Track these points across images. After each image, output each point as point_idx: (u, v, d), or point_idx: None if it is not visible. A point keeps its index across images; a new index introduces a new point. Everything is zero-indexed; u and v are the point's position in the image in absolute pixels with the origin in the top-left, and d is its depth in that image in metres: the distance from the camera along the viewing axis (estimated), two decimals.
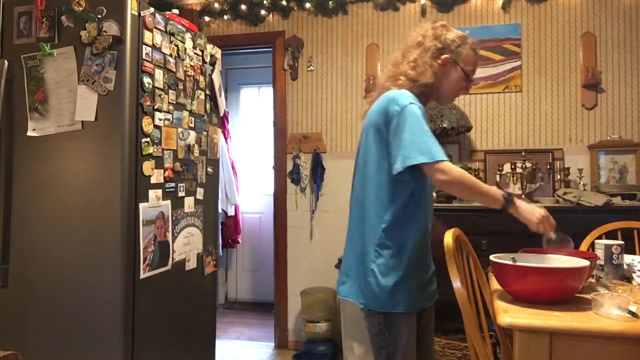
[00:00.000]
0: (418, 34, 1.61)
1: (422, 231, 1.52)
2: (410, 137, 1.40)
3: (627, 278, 1.56)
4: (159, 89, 1.97)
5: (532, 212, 1.42)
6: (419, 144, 1.40)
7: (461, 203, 2.71)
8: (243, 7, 3.45)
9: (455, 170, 1.40)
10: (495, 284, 1.46)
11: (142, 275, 1.86)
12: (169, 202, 2.04)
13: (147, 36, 1.91)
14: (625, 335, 1.06)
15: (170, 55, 2.05)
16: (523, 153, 2.88)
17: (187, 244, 2.19)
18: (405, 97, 1.47)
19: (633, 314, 1.11)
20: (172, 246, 2.07)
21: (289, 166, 3.41)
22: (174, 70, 2.08)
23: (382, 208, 1.49)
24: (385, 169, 1.48)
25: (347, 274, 1.58)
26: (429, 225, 1.58)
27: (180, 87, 2.13)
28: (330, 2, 3.33)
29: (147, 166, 1.89)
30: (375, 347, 1.53)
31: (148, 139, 1.90)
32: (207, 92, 2.38)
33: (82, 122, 1.82)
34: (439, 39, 1.56)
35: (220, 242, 4.08)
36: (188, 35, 2.20)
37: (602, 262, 1.55)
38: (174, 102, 2.09)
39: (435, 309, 1.70)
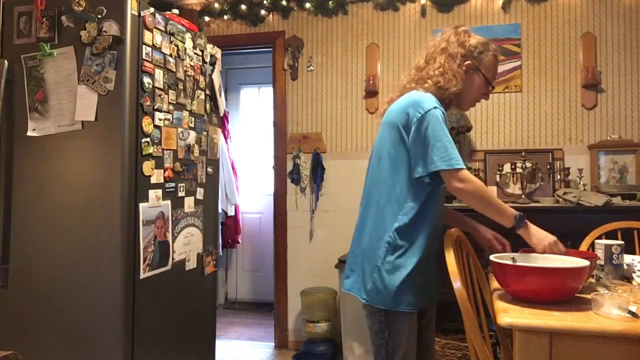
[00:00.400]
0: (442, 40, 1.61)
1: (433, 233, 1.52)
2: (432, 142, 1.42)
3: (627, 278, 1.56)
4: (159, 89, 1.97)
5: (542, 239, 1.43)
6: (440, 150, 1.41)
7: (461, 203, 2.70)
8: (243, 7, 3.45)
9: (474, 180, 1.42)
10: (495, 284, 1.46)
11: (142, 275, 1.86)
12: (169, 202, 2.04)
13: (147, 36, 1.91)
14: (625, 335, 1.06)
15: (170, 55, 2.05)
16: (523, 153, 2.88)
17: (187, 244, 2.19)
18: (429, 101, 1.47)
19: (633, 314, 1.11)
20: (172, 246, 2.07)
21: (289, 166, 3.41)
22: (174, 70, 2.08)
23: (398, 207, 1.49)
24: (402, 169, 1.49)
25: (352, 269, 1.59)
26: (440, 225, 1.58)
27: (180, 87, 2.13)
28: (330, 2, 3.33)
29: (147, 166, 1.89)
30: (375, 345, 1.54)
31: (148, 139, 1.90)
32: (207, 92, 2.38)
33: (82, 122, 1.82)
34: (462, 45, 1.57)
35: (220, 242, 4.08)
36: (188, 35, 2.20)
37: (602, 262, 1.55)
38: (174, 102, 2.09)
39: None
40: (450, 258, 1.34)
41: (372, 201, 1.56)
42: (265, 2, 3.43)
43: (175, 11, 2.28)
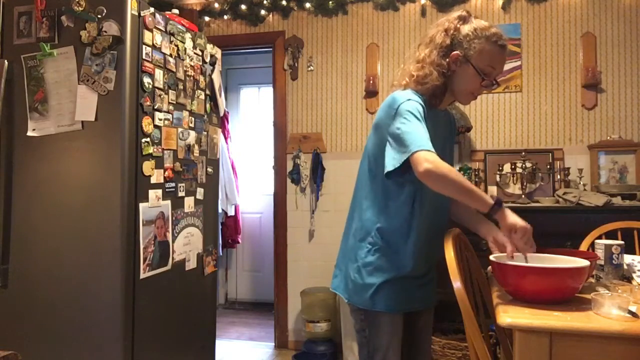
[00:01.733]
0: (434, 27, 1.51)
1: (423, 234, 1.48)
2: (398, 133, 1.35)
3: (627, 278, 1.56)
4: (159, 89, 1.97)
5: (518, 220, 1.34)
6: (403, 139, 1.32)
7: None
8: (243, 7, 3.45)
9: (440, 161, 1.28)
10: (495, 284, 1.46)
11: (142, 275, 1.86)
12: (169, 202, 2.03)
13: (147, 36, 1.91)
14: (625, 335, 1.06)
15: (170, 55, 2.05)
16: (523, 153, 2.88)
17: (187, 244, 2.19)
18: (400, 97, 1.42)
19: (633, 314, 1.11)
20: (172, 246, 2.06)
21: (289, 166, 3.41)
22: (174, 70, 2.08)
23: (378, 208, 1.47)
24: (381, 169, 1.45)
25: (340, 268, 1.58)
26: (437, 230, 1.51)
27: (180, 87, 2.13)
28: (330, 2, 3.33)
29: (147, 166, 1.89)
30: (359, 343, 1.53)
31: (148, 139, 1.90)
32: (207, 92, 2.38)
33: (82, 122, 1.82)
34: (449, 34, 1.45)
35: (220, 242, 4.08)
36: (188, 35, 2.19)
37: (602, 262, 1.54)
38: (174, 102, 2.09)
39: (434, 309, 1.69)
40: (450, 258, 1.34)
41: (357, 203, 1.55)
42: (265, 2, 3.43)
43: (175, 11, 2.28)
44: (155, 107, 1.95)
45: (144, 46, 1.88)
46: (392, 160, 1.36)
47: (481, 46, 1.43)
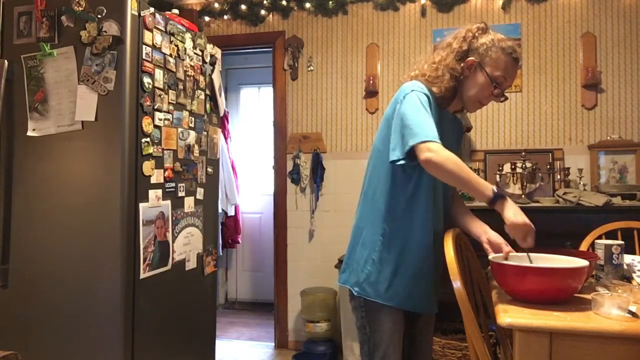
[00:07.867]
0: (453, 35, 1.55)
1: (428, 234, 1.49)
2: (404, 122, 1.38)
3: (627, 278, 1.56)
4: (159, 89, 1.97)
5: (517, 213, 1.34)
6: (409, 128, 1.36)
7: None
8: (243, 7, 3.45)
9: (445, 151, 1.32)
10: (495, 284, 1.46)
11: (142, 275, 1.86)
12: (169, 202, 2.03)
13: (147, 36, 1.91)
14: (625, 335, 1.06)
15: (170, 55, 2.05)
16: (523, 153, 2.88)
17: (187, 244, 2.19)
18: (409, 86, 1.45)
19: (633, 314, 1.11)
20: (172, 246, 2.06)
21: (289, 166, 3.41)
22: (174, 70, 2.08)
23: (388, 201, 1.48)
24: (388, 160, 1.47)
25: (348, 263, 1.58)
26: (439, 228, 1.53)
27: (180, 87, 2.13)
28: (330, 2, 3.33)
29: (147, 166, 1.89)
30: (360, 340, 1.54)
31: (148, 139, 1.90)
32: (207, 92, 2.38)
33: (82, 122, 1.82)
34: (467, 40, 1.50)
35: (220, 242, 4.08)
36: (188, 35, 2.19)
37: (602, 262, 1.54)
38: (174, 102, 2.09)
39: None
40: (450, 258, 1.34)
41: (368, 196, 1.55)
42: (265, 2, 3.43)
43: (175, 11, 2.28)
44: (155, 107, 1.95)
45: (144, 46, 1.88)
46: (395, 150, 1.40)
47: (497, 55, 1.48)
